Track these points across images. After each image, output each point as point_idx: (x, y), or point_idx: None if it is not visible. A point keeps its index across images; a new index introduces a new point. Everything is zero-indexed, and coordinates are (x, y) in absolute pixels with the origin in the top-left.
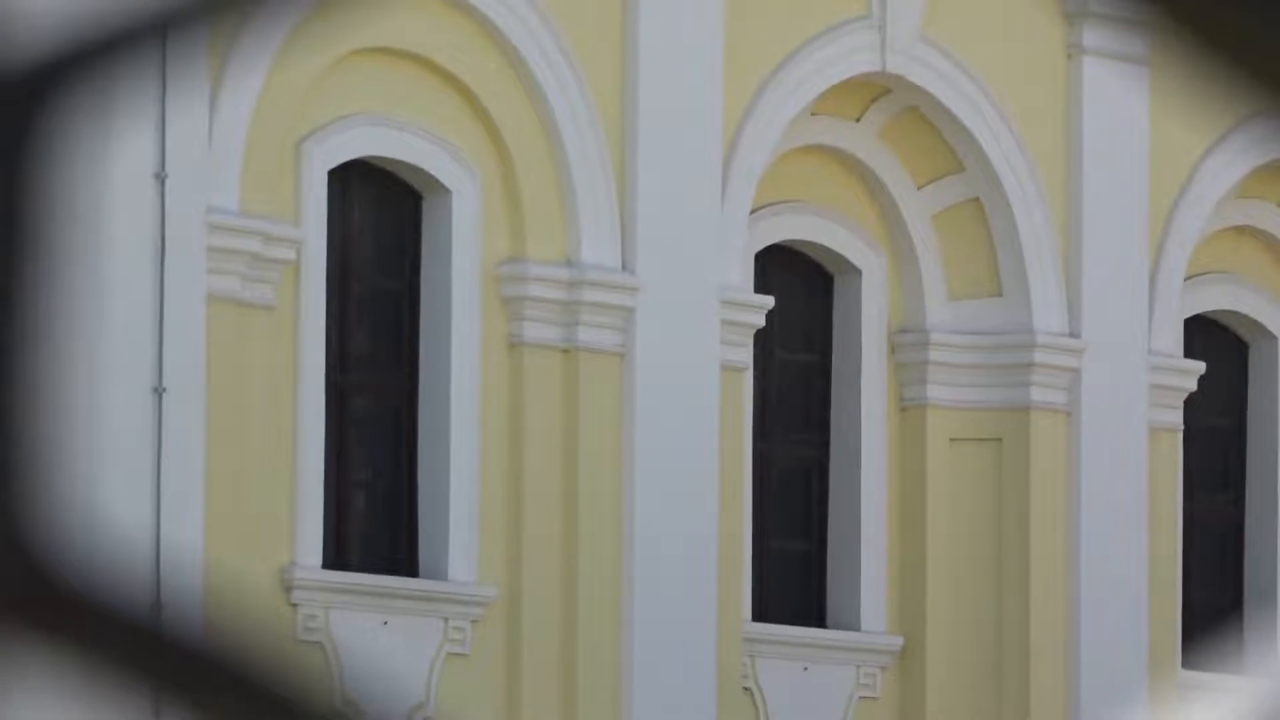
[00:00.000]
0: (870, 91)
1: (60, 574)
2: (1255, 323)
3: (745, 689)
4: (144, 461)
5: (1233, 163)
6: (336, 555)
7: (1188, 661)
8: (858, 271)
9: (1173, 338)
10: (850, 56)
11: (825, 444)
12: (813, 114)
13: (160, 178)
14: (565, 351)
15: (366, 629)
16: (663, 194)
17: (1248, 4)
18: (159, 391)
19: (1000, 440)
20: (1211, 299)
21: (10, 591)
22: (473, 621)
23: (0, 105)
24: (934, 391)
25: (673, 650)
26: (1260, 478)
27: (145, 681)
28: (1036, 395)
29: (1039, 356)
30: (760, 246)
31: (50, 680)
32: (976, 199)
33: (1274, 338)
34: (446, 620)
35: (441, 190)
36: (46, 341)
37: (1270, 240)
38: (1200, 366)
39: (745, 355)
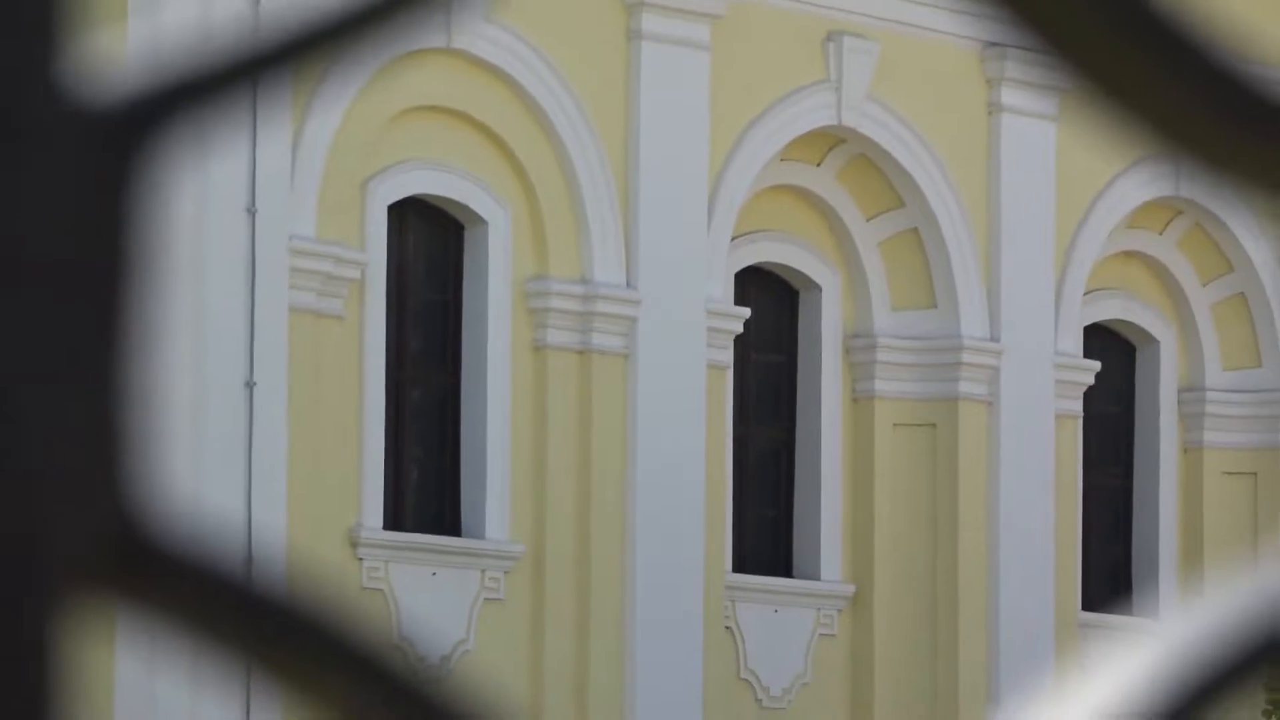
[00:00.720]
0: (828, 141)
1: (163, 542)
2: (1142, 330)
3: (726, 628)
4: (238, 442)
5: (1123, 200)
6: (394, 518)
7: (1085, 604)
8: (818, 288)
9: (1074, 342)
10: (812, 113)
11: (791, 429)
12: (781, 160)
13: (251, 211)
14: (580, 353)
15: (418, 579)
16: (659, 224)
17: (1144, 64)
18: (250, 385)
19: (934, 425)
20: (1106, 310)
21: (118, 562)
22: (505, 572)
23: (106, 142)
24: (880, 385)
25: (668, 596)
26: (1145, 456)
27: (238, 637)
28: (963, 388)
29: (965, 357)
30: (739, 267)
31: (156, 644)
32: (915, 229)
33: (1157, 342)
34: (484, 571)
35: (479, 221)
36: (152, 345)
37: (1154, 262)
38: (1096, 365)
39: (726, 356)
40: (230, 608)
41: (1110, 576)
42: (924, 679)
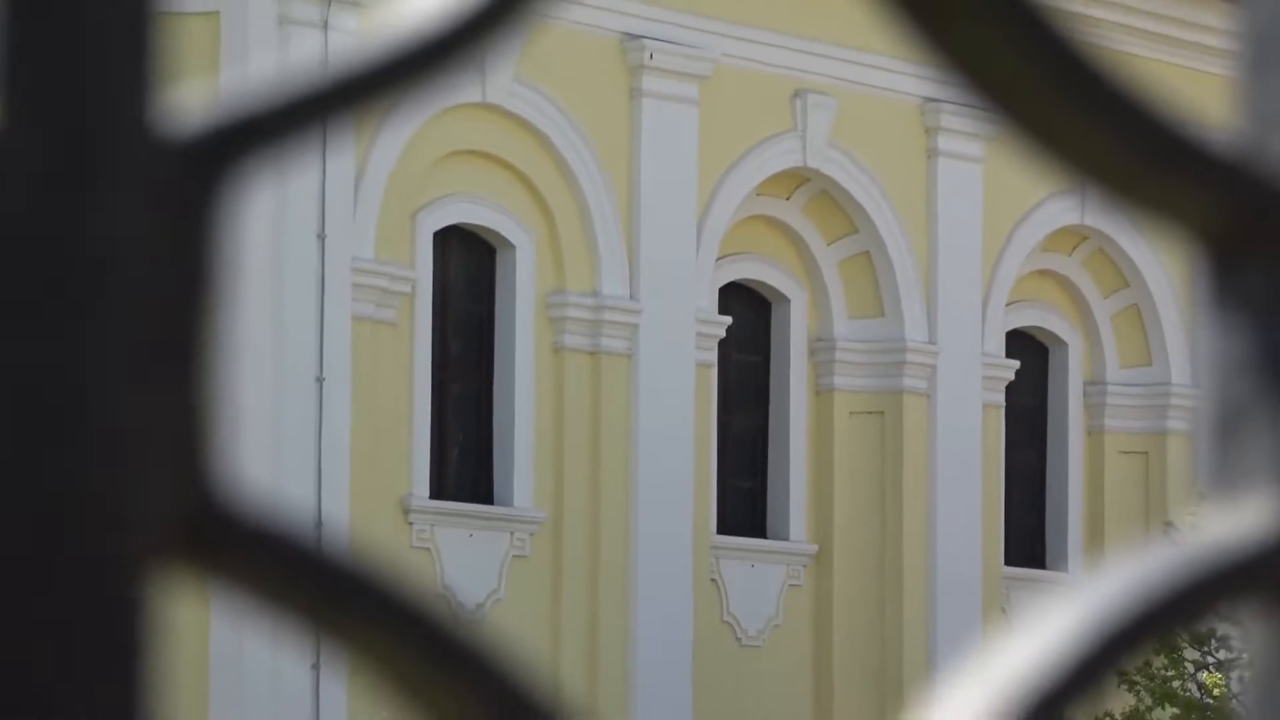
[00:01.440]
0: (796, 180)
1: (240, 514)
2: (1053, 334)
3: (712, 580)
4: (309, 427)
5: (1039, 227)
6: (438, 489)
7: (1007, 561)
8: (788, 300)
9: (998, 344)
10: (781, 156)
11: (765, 417)
12: (757, 194)
13: (321, 237)
14: (590, 354)
15: (458, 539)
16: (656, 248)
17: (1069, 112)
18: (320, 380)
19: (883, 414)
20: (1024, 318)
21: (200, 533)
22: (530, 534)
23: (189, 171)
24: (838, 381)
25: (664, 553)
26: (1056, 439)
27: (306, 598)
28: (906, 383)
29: (908, 357)
30: (722, 283)
31: (239, 607)
32: (866, 252)
33: (1065, 345)
34: (512, 533)
35: (508, 245)
36: (228, 347)
37: (1063, 279)
38: (1015, 364)
39: (711, 357)
40: (299, 572)
41: (1027, 538)
42: (874, 622)
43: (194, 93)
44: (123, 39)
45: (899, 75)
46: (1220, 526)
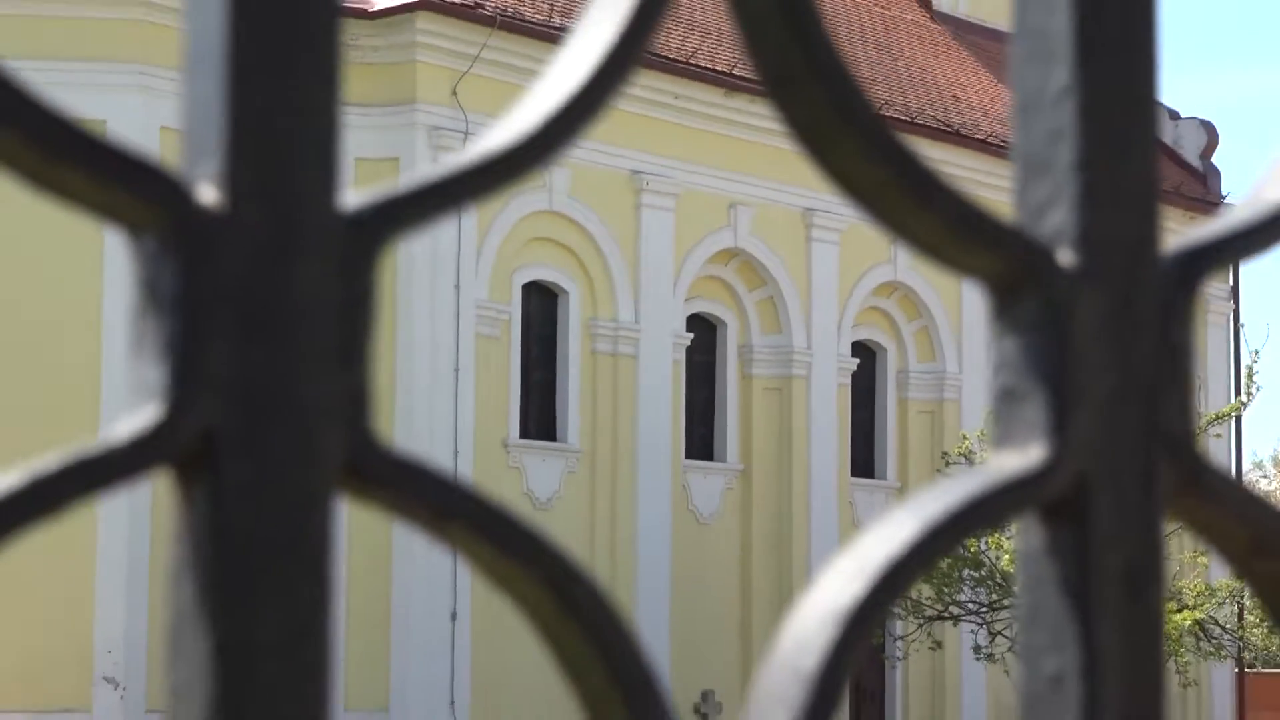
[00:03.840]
0: (731, 254)
1: (395, 455)
2: (878, 344)
3: (683, 486)
4: (450, 397)
5: (871, 280)
6: (524, 431)
7: (853, 473)
8: (727, 324)
9: (847, 348)
10: (722, 240)
11: (713, 392)
12: (708, 261)
13: (456, 287)
14: (613, 356)
15: (535, 462)
16: (651, 293)
17: (908, 203)
18: (456, 371)
19: (780, 390)
20: (861, 334)
21: (367, 470)
22: (578, 459)
23: (357, 241)
24: (756, 370)
25: (655, 471)
26: (880, 405)
27: (444, 517)
28: (795, 371)
29: (795, 356)
30: (688, 314)
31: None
32: (771, 296)
33: (886, 350)
34: (566, 459)
35: (565, 292)
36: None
37: (885, 312)
38: (857, 360)
39: (681, 357)
40: (421, 492)
41: (865, 461)
42: (775, 511)
43: (376, 179)
44: (317, 147)
45: (790, 192)
46: (1003, 464)
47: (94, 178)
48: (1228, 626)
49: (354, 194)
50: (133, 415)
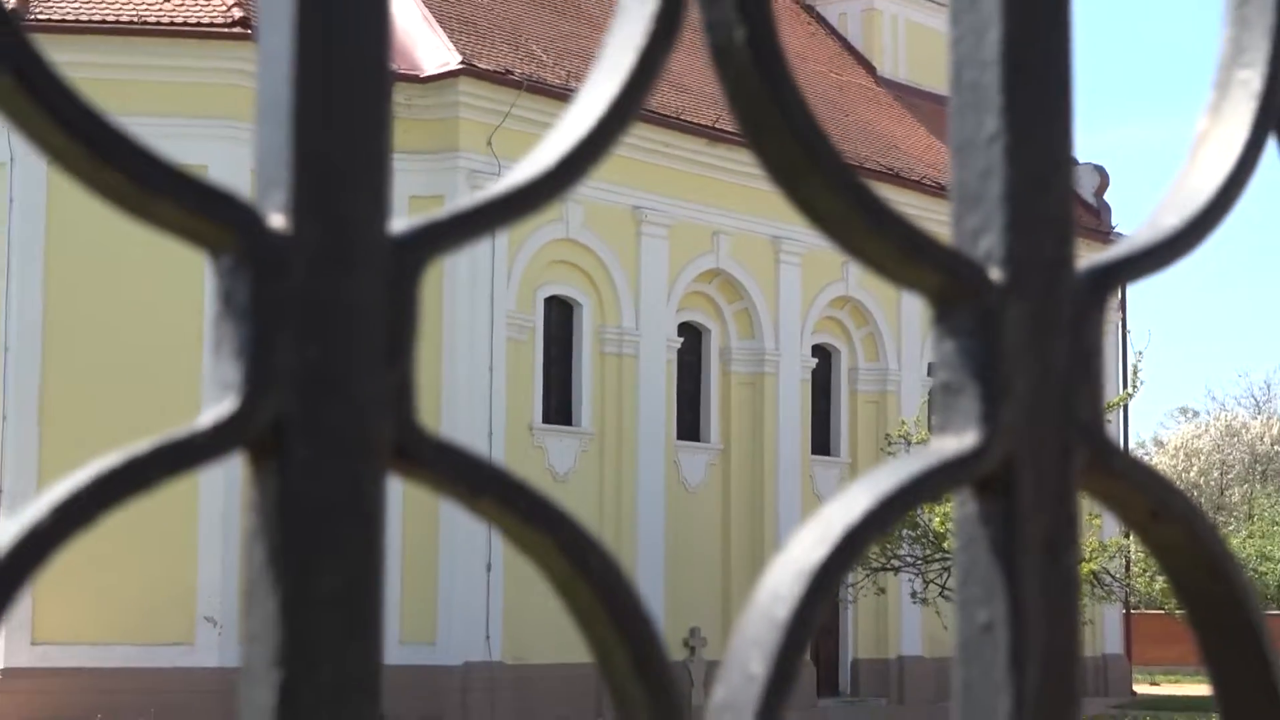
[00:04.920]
0: (714, 274)
1: (424, 438)
2: (834, 346)
3: (674, 461)
4: (484, 389)
5: (828, 295)
6: (545, 416)
7: (813, 451)
8: (711, 330)
9: (807, 350)
10: (706, 262)
11: (699, 385)
12: (694, 280)
13: (491, 299)
14: (618, 356)
15: (555, 443)
16: (649, 305)
17: (863, 229)
18: (490, 369)
19: (753, 384)
20: (820, 339)
21: (409, 451)
22: (590, 439)
23: (400, 257)
24: (734, 367)
25: (652, 448)
26: (835, 395)
27: (478, 492)
28: (766, 369)
29: (766, 355)
30: (679, 322)
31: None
32: (746, 309)
33: (840, 352)
34: (580, 439)
35: (579, 304)
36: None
37: (839, 320)
38: (816, 360)
39: (674, 357)
40: (471, 475)
41: (823, 442)
42: (749, 482)
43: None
44: (369, 182)
45: (761, 223)
46: (943, 446)
47: (181, 207)
48: (1117, 576)
49: (401, 221)
50: (214, 406)
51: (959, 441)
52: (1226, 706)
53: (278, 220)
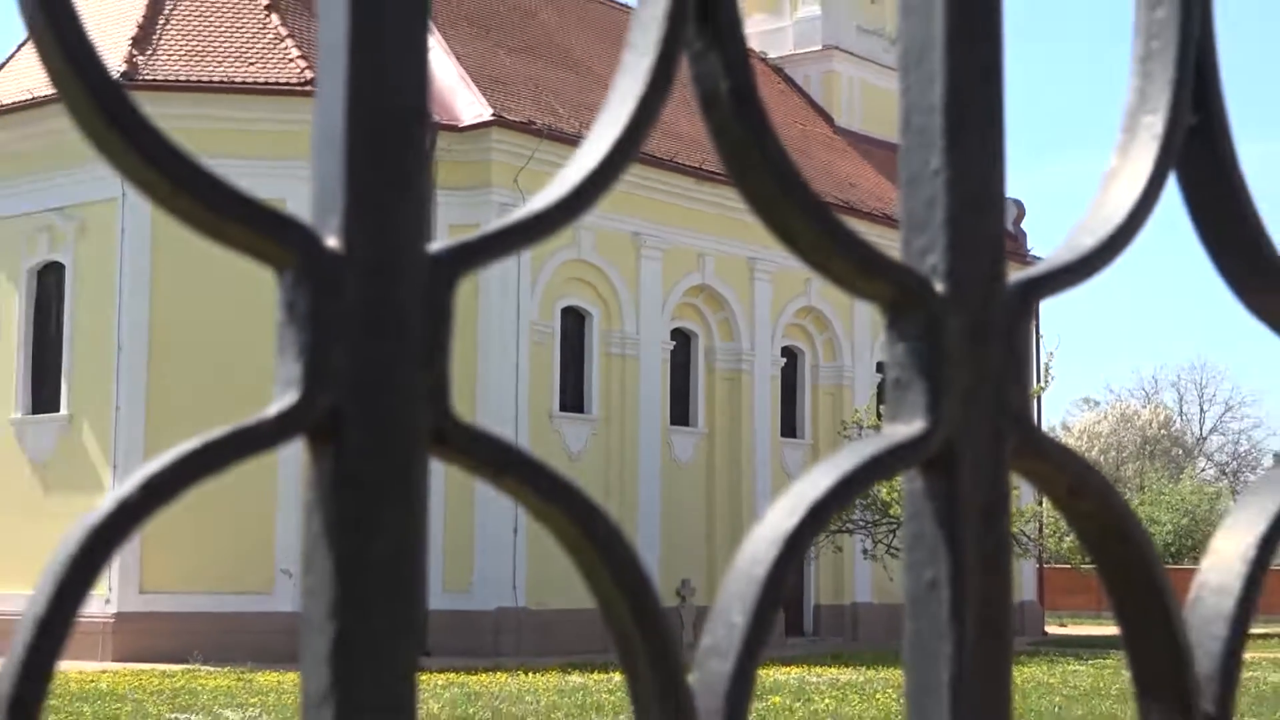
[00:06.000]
0: (701, 289)
1: (459, 426)
2: (800, 348)
3: (667, 442)
4: (511, 381)
5: (794, 304)
6: (562, 405)
7: (781, 435)
8: (698, 334)
9: (779, 351)
10: (694, 279)
11: (688, 378)
12: (685, 293)
13: (518, 310)
14: (622, 357)
15: (570, 427)
16: (647, 313)
17: (823, 245)
18: (517, 366)
19: (731, 380)
20: (788, 340)
21: (445, 436)
22: (599, 423)
23: (442, 272)
24: (718, 364)
25: (650, 430)
26: (800, 388)
27: (507, 475)
28: (743, 366)
29: (744, 355)
30: (672, 328)
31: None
32: (727, 318)
33: (805, 352)
34: (591, 424)
35: (590, 314)
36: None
37: (803, 328)
38: (785, 359)
39: (667, 356)
40: (497, 457)
41: (791, 427)
42: (729, 458)
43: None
44: (411, 208)
45: (739, 247)
46: (894, 432)
47: (250, 230)
48: (1032, 537)
49: (438, 243)
50: (279, 400)
51: (908, 428)
52: (1133, 649)
53: (333, 241)
